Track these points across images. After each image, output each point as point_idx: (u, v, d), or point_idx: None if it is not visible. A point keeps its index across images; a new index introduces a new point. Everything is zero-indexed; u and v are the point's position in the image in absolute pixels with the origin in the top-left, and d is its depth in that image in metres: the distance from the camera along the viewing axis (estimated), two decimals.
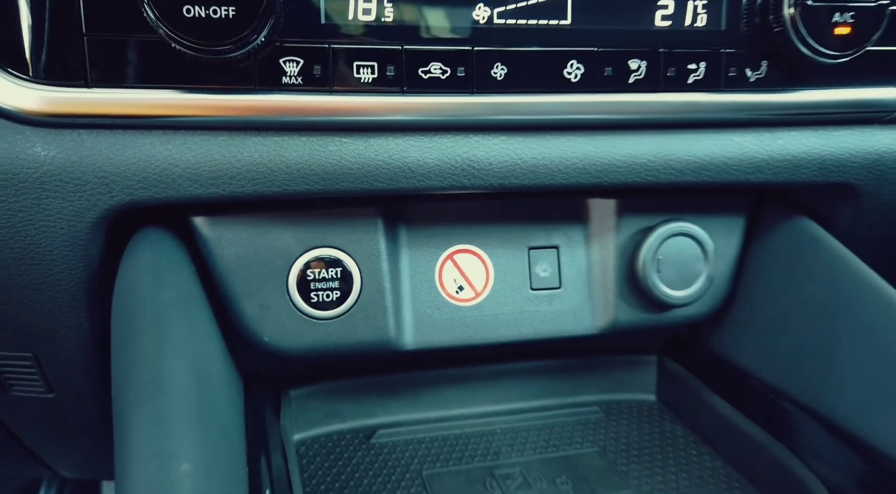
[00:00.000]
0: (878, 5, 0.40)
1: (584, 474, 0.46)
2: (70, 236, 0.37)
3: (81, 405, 0.48)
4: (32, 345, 0.42)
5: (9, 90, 0.34)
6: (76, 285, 0.39)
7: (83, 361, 0.44)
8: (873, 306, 0.43)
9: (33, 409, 0.49)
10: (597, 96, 0.41)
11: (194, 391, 0.31)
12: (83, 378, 0.45)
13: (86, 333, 0.42)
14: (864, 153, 0.46)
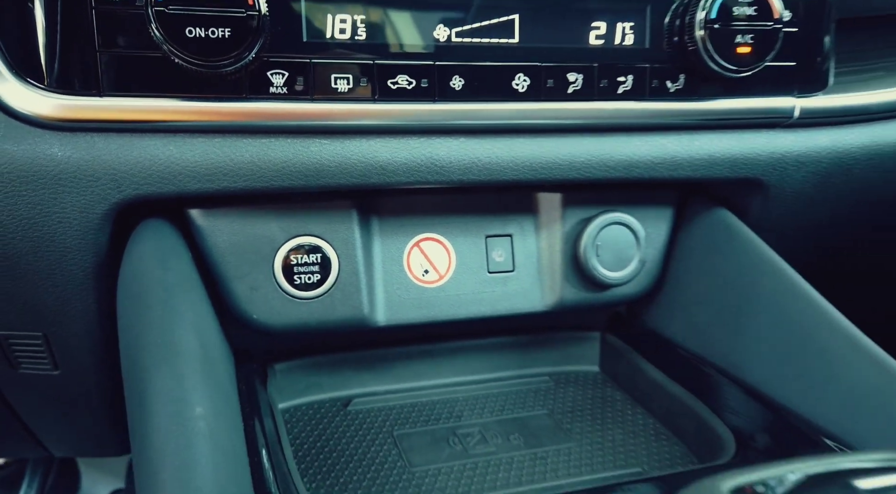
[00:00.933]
0: (772, 28, 0.48)
1: (533, 431, 0.53)
2: (82, 226, 0.42)
3: (83, 380, 0.53)
4: (43, 325, 0.47)
5: (30, 98, 0.39)
6: (86, 270, 0.44)
7: (88, 338, 0.49)
8: (775, 284, 0.51)
9: (38, 386, 0.54)
10: (541, 104, 0.48)
11: (200, 356, 0.37)
12: (87, 355, 0.50)
13: (92, 312, 0.47)
14: (769, 153, 0.54)
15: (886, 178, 0.57)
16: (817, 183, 0.56)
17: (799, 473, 0.22)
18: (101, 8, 0.39)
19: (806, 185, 0.55)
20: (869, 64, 0.57)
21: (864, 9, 0.58)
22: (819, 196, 0.57)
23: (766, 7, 0.47)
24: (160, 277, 0.41)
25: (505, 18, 0.46)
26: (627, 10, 0.48)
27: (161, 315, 0.38)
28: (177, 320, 0.38)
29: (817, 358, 0.46)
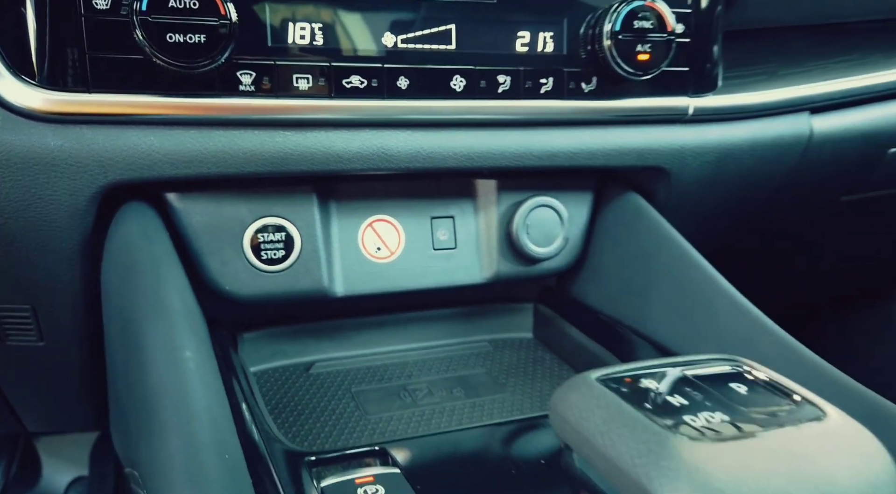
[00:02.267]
0: (667, 39, 0.57)
1: (473, 386, 0.61)
2: (71, 208, 0.48)
3: (66, 350, 0.58)
4: (32, 298, 0.52)
5: (26, 94, 0.45)
6: (73, 247, 0.50)
7: (72, 310, 0.54)
8: (674, 257, 0.60)
9: (21, 358, 0.58)
10: (475, 102, 0.56)
11: (185, 313, 0.43)
12: (70, 325, 0.55)
13: (77, 286, 0.52)
14: (670, 145, 0.63)
15: (766, 166, 0.68)
16: (710, 170, 0.66)
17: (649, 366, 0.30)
18: (89, 16, 0.45)
19: (701, 172, 0.65)
20: (752, 69, 0.68)
21: (747, 23, 0.68)
22: (712, 181, 0.67)
23: (661, 21, 0.56)
24: (147, 248, 0.47)
25: (443, 28, 0.54)
26: (548, 21, 0.56)
27: (151, 279, 0.44)
28: (164, 283, 0.44)
29: (705, 316, 0.56)
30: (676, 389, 0.28)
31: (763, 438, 0.25)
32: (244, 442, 0.39)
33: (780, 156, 0.68)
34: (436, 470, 0.43)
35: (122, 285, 0.45)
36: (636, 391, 0.28)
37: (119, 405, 0.46)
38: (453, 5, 0.53)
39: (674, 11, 0.57)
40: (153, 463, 0.35)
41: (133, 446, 0.40)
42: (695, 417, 0.26)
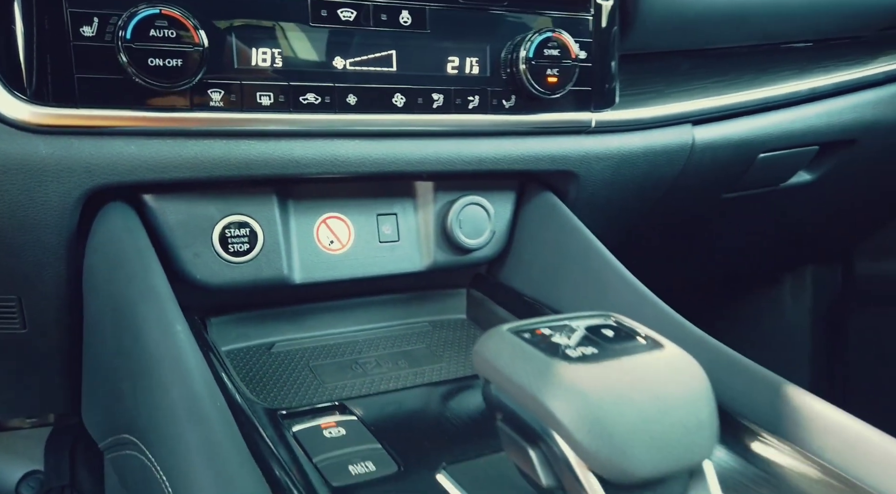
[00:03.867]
0: (571, 65, 0.69)
1: (415, 358, 0.70)
2: (60, 208, 0.54)
3: (46, 337, 0.63)
4: (20, 289, 0.58)
5: (21, 109, 0.51)
6: (60, 243, 0.56)
7: (55, 299, 0.60)
8: (581, 246, 0.71)
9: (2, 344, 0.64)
10: (413, 116, 0.65)
11: (171, 296, 0.51)
12: (53, 314, 0.61)
13: (62, 277, 0.58)
14: (577, 151, 0.75)
15: (658, 169, 0.81)
16: (611, 173, 0.78)
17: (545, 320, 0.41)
18: (78, 42, 0.52)
19: (604, 174, 0.78)
20: (644, 88, 0.81)
21: (639, 49, 0.81)
22: (614, 182, 0.79)
23: (566, 49, 0.68)
24: (131, 242, 0.54)
25: (385, 53, 0.63)
26: (473, 49, 0.67)
27: (140, 267, 0.51)
28: (151, 271, 0.52)
29: (602, 293, 0.68)
30: (562, 332, 0.39)
31: (619, 361, 0.36)
32: (227, 400, 0.47)
33: (669, 161, 0.82)
34: (386, 418, 0.52)
35: (112, 273, 0.52)
36: (534, 335, 0.39)
37: (106, 382, 0.53)
38: (393, 34, 0.63)
39: (577, 41, 0.69)
40: (156, 414, 0.43)
41: (128, 410, 0.47)
42: (573, 350, 0.37)
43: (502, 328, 0.40)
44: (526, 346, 0.37)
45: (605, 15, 0.73)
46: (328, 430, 0.47)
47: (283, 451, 0.44)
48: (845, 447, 0.43)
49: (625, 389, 0.34)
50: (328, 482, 0.42)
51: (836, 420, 0.44)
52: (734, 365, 0.53)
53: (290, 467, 0.42)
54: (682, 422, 0.34)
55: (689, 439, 0.34)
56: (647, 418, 0.33)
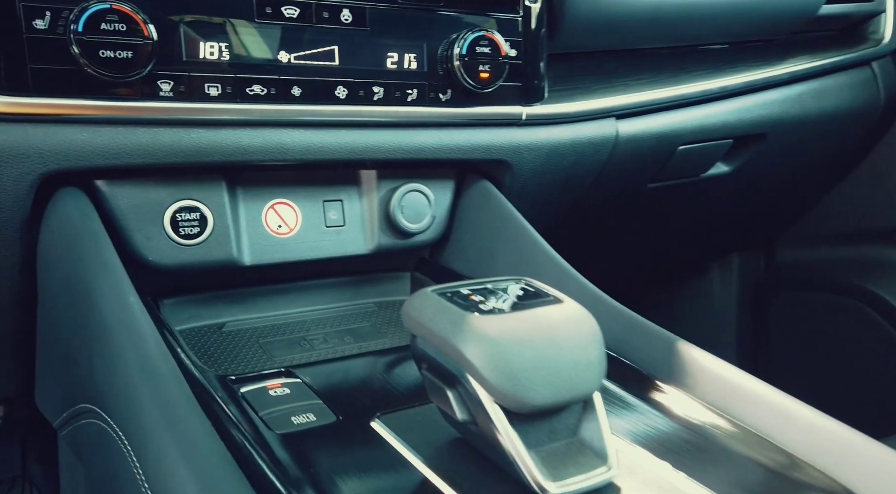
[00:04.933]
0: (502, 61, 0.75)
1: (361, 335, 0.75)
2: (15, 192, 0.57)
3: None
4: None
5: None
6: (14, 226, 0.59)
7: (9, 282, 0.63)
8: (514, 231, 0.78)
9: None
10: (355, 107, 0.70)
11: (124, 272, 0.54)
12: (6, 297, 0.64)
13: (16, 259, 0.61)
14: (510, 142, 0.81)
15: (585, 159, 0.88)
16: (542, 163, 0.85)
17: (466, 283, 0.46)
18: (31, 35, 0.55)
19: (535, 164, 0.84)
20: (572, 84, 0.88)
21: (567, 48, 0.88)
22: (544, 171, 0.86)
23: (497, 48, 0.74)
24: (85, 223, 0.57)
25: (328, 48, 0.68)
26: (411, 46, 0.72)
27: (94, 245, 0.55)
28: (104, 248, 0.55)
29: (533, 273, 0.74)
30: (479, 292, 0.45)
31: (523, 313, 0.42)
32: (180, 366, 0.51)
33: (595, 152, 0.89)
34: (328, 381, 0.57)
35: (67, 251, 0.55)
36: (455, 295, 0.44)
37: (62, 355, 0.57)
38: (335, 31, 0.68)
39: (507, 40, 0.75)
40: (111, 377, 0.47)
41: (84, 378, 0.51)
42: (485, 305, 0.43)
43: (427, 290, 0.45)
44: (446, 303, 0.43)
45: (534, 16, 0.79)
46: (273, 390, 0.52)
47: (233, 407, 0.48)
48: (726, 392, 0.50)
49: (526, 334, 0.40)
50: (272, 430, 0.47)
51: (718, 369, 0.51)
52: (636, 326, 0.59)
53: (239, 419, 0.47)
54: (574, 361, 0.40)
55: (579, 375, 0.40)
56: (544, 358, 0.39)
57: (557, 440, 0.41)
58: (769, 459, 0.45)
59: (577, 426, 0.42)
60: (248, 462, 0.42)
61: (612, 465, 0.40)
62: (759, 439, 0.46)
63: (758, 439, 0.46)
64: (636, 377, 0.54)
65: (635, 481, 0.41)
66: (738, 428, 0.47)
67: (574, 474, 0.39)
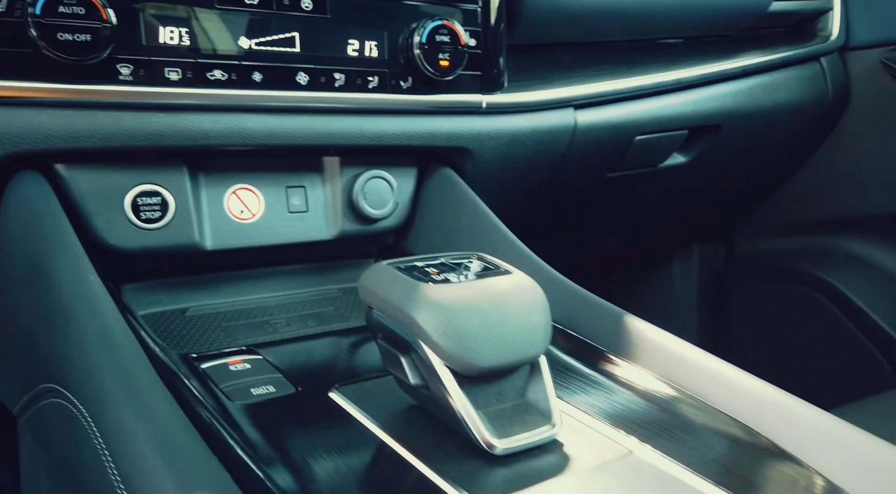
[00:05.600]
0: (461, 50, 0.77)
1: (324, 318, 0.76)
2: None
3: None
4: None
5: None
6: None
7: None
8: (476, 217, 0.80)
9: None
10: (317, 93, 0.71)
11: (83, 252, 0.55)
12: None
13: None
14: (470, 130, 0.83)
15: (545, 147, 0.91)
16: (503, 151, 0.87)
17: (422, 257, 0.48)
18: None
19: (496, 152, 0.86)
20: (531, 75, 0.90)
21: (528, 40, 0.90)
22: (505, 159, 0.88)
23: (456, 37, 0.76)
24: (45, 205, 0.57)
25: (289, 35, 0.69)
26: (372, 34, 0.73)
27: (54, 226, 0.55)
28: (64, 228, 0.55)
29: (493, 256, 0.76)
30: (432, 265, 0.46)
31: (472, 283, 0.44)
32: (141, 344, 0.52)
33: (554, 140, 0.92)
34: (289, 357, 0.58)
35: (25, 232, 0.55)
36: (409, 267, 0.46)
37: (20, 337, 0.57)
38: (296, 18, 0.69)
39: (467, 30, 0.77)
40: (72, 351, 0.47)
41: (44, 357, 0.51)
42: (437, 276, 0.44)
43: (382, 263, 0.47)
44: (399, 274, 0.45)
45: (493, 8, 0.81)
46: (234, 366, 0.53)
47: (194, 381, 0.49)
48: (668, 360, 0.53)
49: (474, 301, 0.42)
50: (232, 401, 0.48)
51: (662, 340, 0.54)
52: (587, 302, 0.62)
53: (200, 391, 0.48)
54: (519, 326, 0.42)
55: (525, 339, 0.42)
56: (491, 323, 0.41)
57: (505, 402, 0.43)
58: (707, 420, 0.48)
59: (523, 389, 0.44)
60: (210, 431, 0.43)
61: (555, 424, 0.42)
62: (698, 401, 0.49)
63: (696, 401, 0.49)
64: (585, 348, 0.57)
65: (577, 438, 0.44)
66: (678, 392, 0.50)
67: (520, 432, 0.41)
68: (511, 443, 0.40)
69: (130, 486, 0.38)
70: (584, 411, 0.47)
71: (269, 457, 0.41)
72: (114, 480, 0.40)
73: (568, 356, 0.57)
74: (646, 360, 0.53)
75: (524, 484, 0.38)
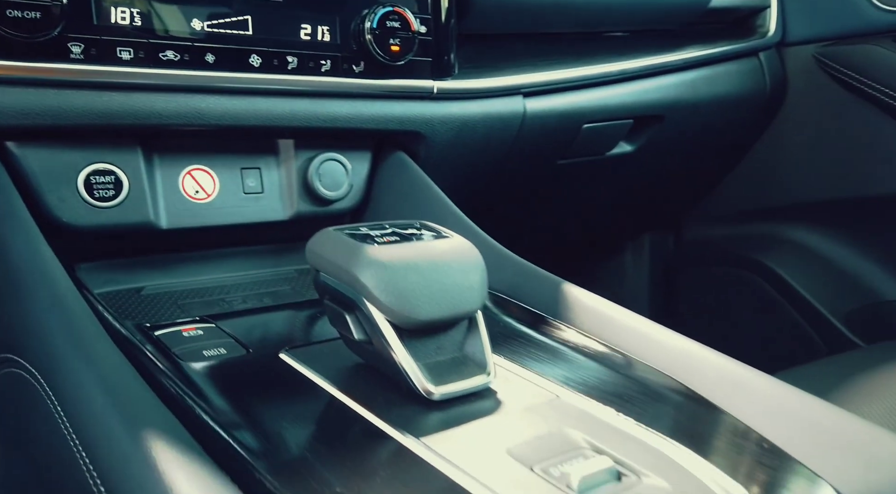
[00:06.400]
0: (411, 36, 0.80)
1: (280, 296, 0.78)
2: None
3: None
4: None
5: None
6: None
7: None
8: (429, 199, 0.82)
9: None
10: (270, 76, 0.73)
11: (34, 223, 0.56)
12: None
13: None
14: (423, 115, 0.86)
15: (496, 133, 0.94)
16: (454, 135, 0.90)
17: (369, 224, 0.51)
18: None
19: (447, 136, 0.89)
20: (482, 63, 0.93)
21: (479, 30, 0.94)
22: (457, 144, 0.91)
23: (406, 23, 0.79)
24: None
25: (242, 18, 0.71)
26: (324, 19, 0.76)
27: (3, 199, 0.56)
28: (13, 201, 0.56)
29: None
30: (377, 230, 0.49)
31: (413, 244, 0.46)
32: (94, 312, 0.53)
33: (504, 127, 0.95)
34: (244, 326, 0.60)
35: None
36: (355, 233, 0.49)
37: None
38: (249, 1, 0.71)
39: (417, 16, 0.80)
40: (23, 318, 0.48)
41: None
42: (380, 239, 0.47)
43: (329, 229, 0.50)
44: (344, 237, 0.47)
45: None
46: (187, 332, 0.54)
47: (148, 346, 0.51)
48: (600, 321, 0.57)
49: (414, 260, 0.45)
50: (184, 361, 0.50)
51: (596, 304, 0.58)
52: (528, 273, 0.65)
53: (152, 352, 0.49)
54: (456, 283, 0.45)
55: (461, 295, 0.45)
56: (430, 280, 0.44)
57: (443, 355, 0.46)
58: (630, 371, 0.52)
59: (461, 343, 0.47)
60: (162, 387, 0.45)
61: (490, 373, 0.45)
62: (623, 355, 0.53)
63: (622, 355, 0.53)
64: (524, 313, 0.60)
65: (510, 386, 0.47)
66: (606, 348, 0.54)
67: (456, 380, 0.44)
68: (447, 389, 0.43)
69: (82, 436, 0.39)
70: (518, 364, 0.51)
71: (219, 408, 0.43)
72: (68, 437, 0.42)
73: (508, 318, 0.60)
74: (579, 321, 0.57)
75: (458, 424, 0.41)
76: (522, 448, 0.38)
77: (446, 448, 0.38)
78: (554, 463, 0.36)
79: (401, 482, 0.35)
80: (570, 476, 0.35)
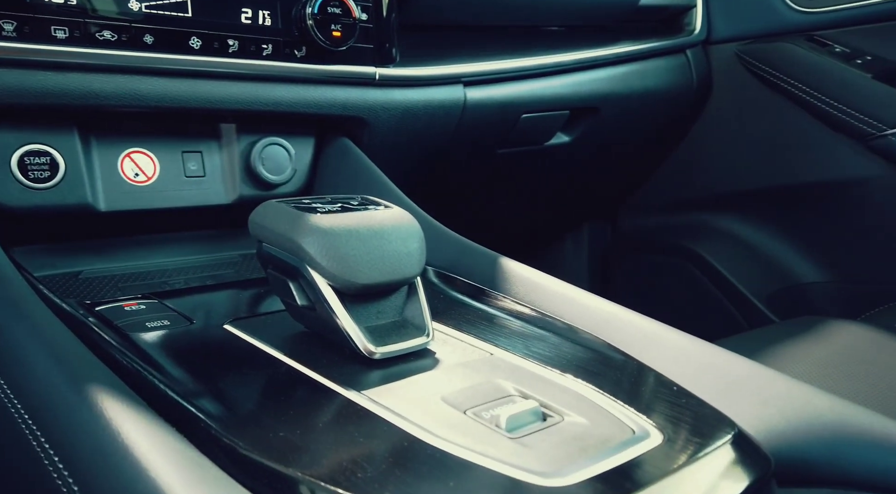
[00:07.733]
0: (352, 23, 0.81)
1: (223, 278, 0.79)
2: None
3: None
4: None
5: None
6: None
7: None
8: (373, 183, 0.85)
9: None
10: (210, 58, 0.73)
11: None
12: None
13: None
14: (365, 101, 0.88)
15: (437, 120, 0.97)
16: (397, 122, 0.92)
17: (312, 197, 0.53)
18: None
19: (390, 123, 0.92)
20: (424, 52, 0.96)
21: (421, 20, 0.96)
22: (400, 130, 0.93)
23: (347, 9, 0.81)
24: None
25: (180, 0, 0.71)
26: (265, 3, 0.77)
27: None
28: None
29: None
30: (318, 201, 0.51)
31: (354, 214, 0.49)
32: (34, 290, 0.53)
33: (446, 114, 0.98)
34: (187, 302, 0.61)
35: None
36: (298, 204, 0.50)
37: None
38: None
39: (358, 4, 0.82)
40: None
41: None
42: (322, 208, 0.49)
43: (272, 201, 0.51)
44: (287, 207, 0.49)
45: None
46: (129, 307, 0.55)
47: (90, 318, 0.51)
48: (534, 290, 0.60)
49: (355, 228, 0.47)
50: (127, 332, 0.50)
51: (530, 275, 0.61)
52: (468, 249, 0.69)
53: (96, 324, 0.50)
54: (396, 250, 0.48)
55: (400, 261, 0.47)
56: (370, 246, 0.46)
57: (384, 319, 0.48)
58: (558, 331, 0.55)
59: (401, 308, 0.49)
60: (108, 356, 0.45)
61: (428, 334, 0.48)
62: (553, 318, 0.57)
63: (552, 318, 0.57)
64: (468, 287, 0.63)
65: (446, 347, 0.50)
66: (537, 313, 0.57)
67: (396, 341, 0.47)
68: (388, 349, 0.46)
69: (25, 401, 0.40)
70: (455, 328, 0.53)
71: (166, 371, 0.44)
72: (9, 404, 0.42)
73: (452, 291, 0.63)
74: (514, 291, 0.61)
75: (397, 379, 0.43)
76: (456, 396, 0.41)
77: (386, 398, 0.41)
78: (485, 408, 0.39)
79: (343, 428, 0.38)
80: (500, 417, 0.38)
